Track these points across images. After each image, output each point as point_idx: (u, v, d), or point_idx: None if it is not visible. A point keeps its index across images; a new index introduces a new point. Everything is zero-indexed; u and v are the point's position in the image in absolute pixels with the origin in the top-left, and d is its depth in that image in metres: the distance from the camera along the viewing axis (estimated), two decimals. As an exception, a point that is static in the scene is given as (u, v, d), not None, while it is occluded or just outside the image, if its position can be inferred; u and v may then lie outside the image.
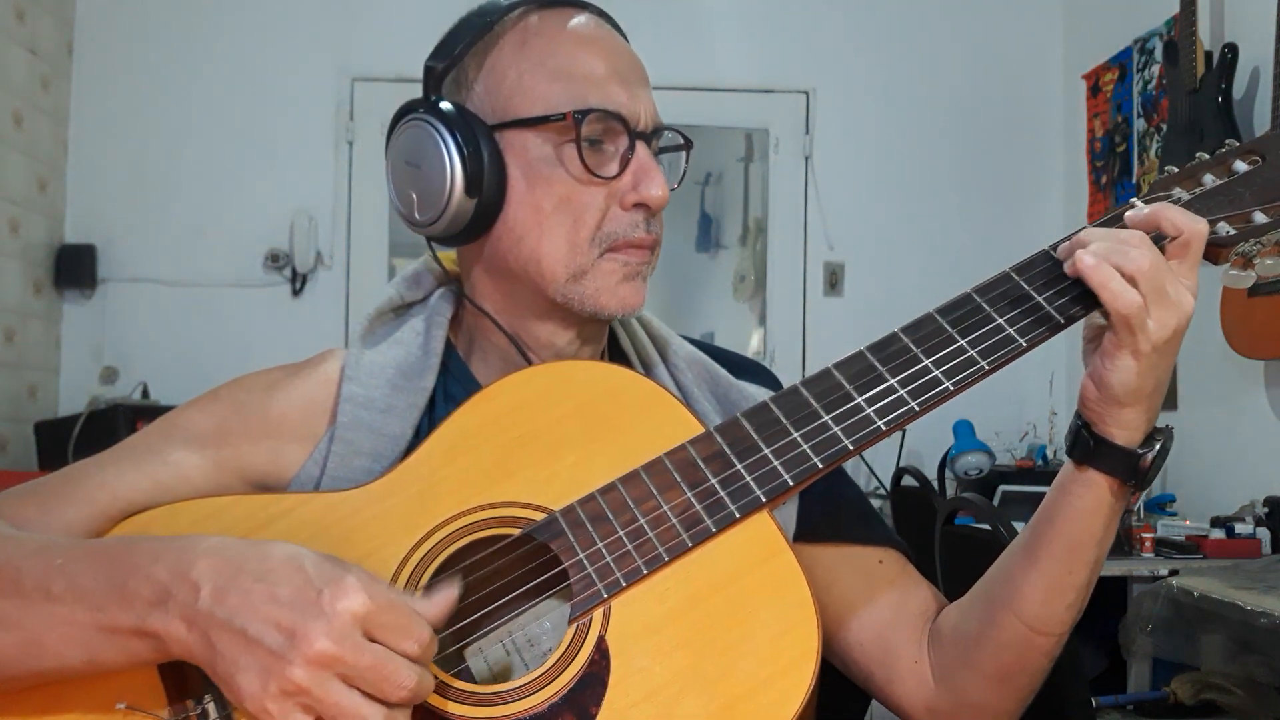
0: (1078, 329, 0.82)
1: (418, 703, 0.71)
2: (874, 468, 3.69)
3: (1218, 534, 2.48)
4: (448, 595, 0.73)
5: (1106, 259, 0.75)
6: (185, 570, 0.72)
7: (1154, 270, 0.74)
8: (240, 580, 0.71)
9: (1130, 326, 0.74)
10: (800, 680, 0.72)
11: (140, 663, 0.75)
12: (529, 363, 0.93)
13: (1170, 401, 3.18)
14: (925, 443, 3.67)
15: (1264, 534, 2.47)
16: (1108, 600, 2.40)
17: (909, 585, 0.95)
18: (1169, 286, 0.75)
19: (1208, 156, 0.86)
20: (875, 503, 3.68)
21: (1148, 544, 2.48)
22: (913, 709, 0.91)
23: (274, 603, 0.69)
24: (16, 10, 3.38)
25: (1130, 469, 0.78)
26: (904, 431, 3.62)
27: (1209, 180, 0.85)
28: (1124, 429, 0.77)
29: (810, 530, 0.94)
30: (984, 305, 0.80)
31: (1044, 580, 0.83)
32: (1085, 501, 0.80)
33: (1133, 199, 0.84)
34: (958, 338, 0.79)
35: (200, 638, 0.70)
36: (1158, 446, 0.78)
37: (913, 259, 3.80)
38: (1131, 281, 0.74)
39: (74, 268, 3.60)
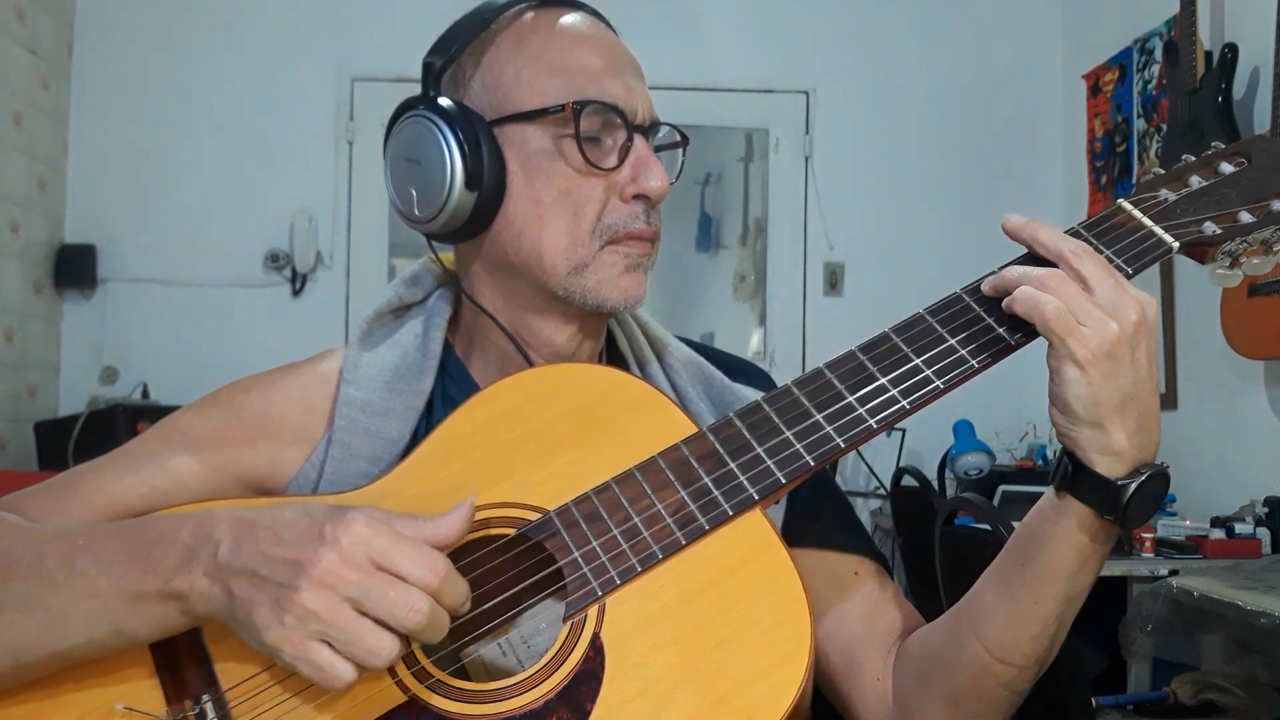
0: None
1: (433, 637, 0.72)
2: (874, 468, 3.70)
3: (1218, 534, 2.48)
4: (460, 512, 0.75)
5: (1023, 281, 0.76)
6: (208, 532, 0.75)
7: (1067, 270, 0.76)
8: (254, 531, 0.74)
9: (1055, 332, 0.73)
10: (793, 674, 0.72)
11: (166, 628, 0.77)
12: (528, 361, 0.93)
13: (1170, 401, 3.18)
14: (925, 443, 3.67)
15: (1264, 534, 2.47)
16: (1108, 600, 2.40)
17: (882, 600, 0.94)
18: (1093, 295, 0.75)
19: (1194, 159, 0.87)
20: (875, 503, 3.68)
21: (1148, 544, 2.48)
22: None
23: (281, 543, 0.72)
24: (16, 10, 3.38)
25: (1107, 501, 0.75)
26: (904, 431, 3.63)
27: (1195, 182, 0.86)
28: (1105, 455, 0.74)
29: (792, 533, 0.93)
30: (973, 305, 0.81)
31: (1008, 605, 0.80)
32: (1059, 529, 0.77)
33: (1120, 200, 0.85)
34: (947, 337, 0.80)
35: (221, 589, 0.73)
36: (1141, 479, 0.74)
37: (913, 259, 3.80)
38: (1044, 287, 0.75)
39: (74, 268, 3.61)
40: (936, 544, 2.05)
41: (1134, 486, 0.74)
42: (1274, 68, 2.55)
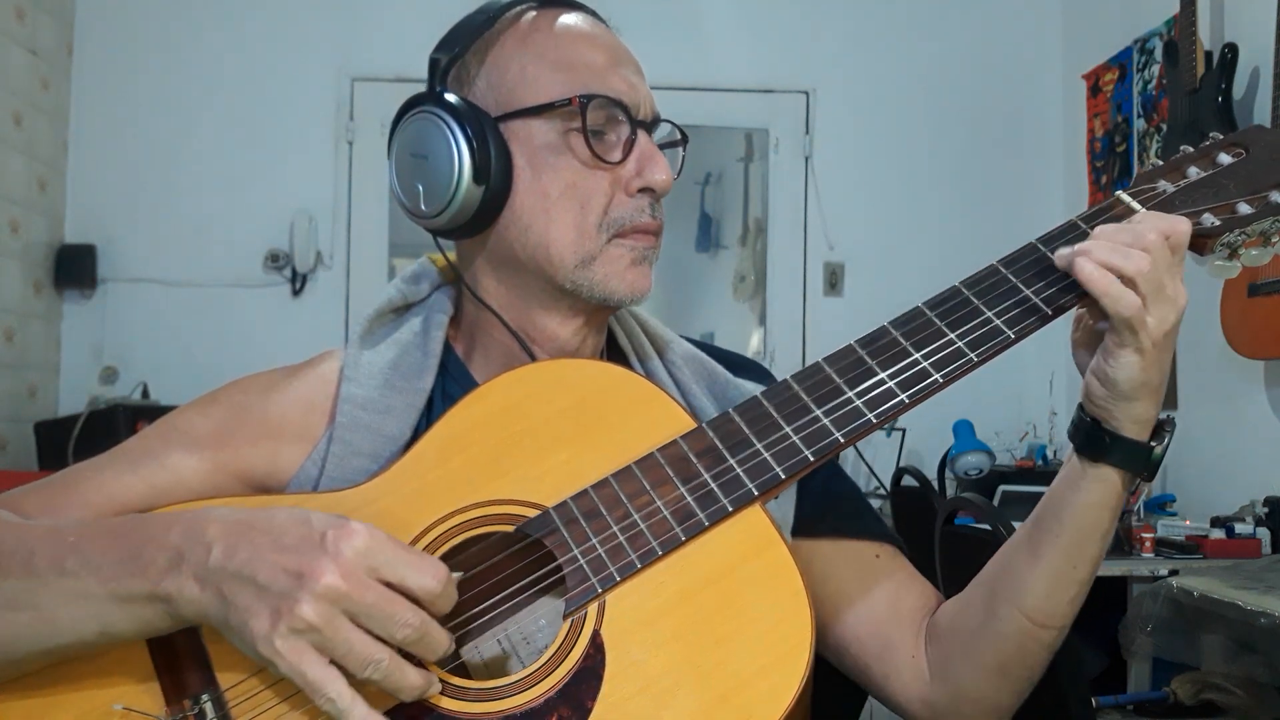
0: (1066, 320, 0.83)
1: (428, 652, 0.72)
2: (874, 468, 3.69)
3: (1218, 534, 2.48)
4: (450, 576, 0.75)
5: (1107, 264, 0.76)
6: (199, 534, 0.74)
7: (1154, 271, 0.76)
8: (249, 535, 0.73)
9: (1132, 327, 0.76)
10: (794, 671, 0.72)
11: (152, 631, 0.77)
12: (531, 357, 0.94)
13: (1170, 401, 3.18)
14: (925, 443, 3.67)
15: (1264, 534, 2.47)
16: (1108, 600, 2.39)
17: (905, 580, 0.96)
18: (1167, 284, 0.77)
19: (1192, 150, 0.87)
20: (875, 503, 3.68)
21: (1148, 544, 2.48)
22: (909, 704, 0.92)
23: (280, 550, 0.72)
24: (16, 10, 3.38)
25: (1143, 461, 0.80)
26: (904, 431, 3.63)
27: (1193, 173, 0.85)
28: (1135, 423, 0.79)
29: (807, 525, 0.95)
30: (972, 298, 0.81)
31: (1048, 574, 0.84)
32: (1095, 496, 0.81)
33: (1118, 192, 0.85)
34: (946, 330, 0.80)
35: (213, 593, 0.72)
36: (1167, 438, 0.81)
37: (913, 259, 3.80)
38: (1131, 284, 0.76)
39: (74, 268, 3.60)
40: (936, 544, 2.05)
41: (1162, 444, 0.80)
42: (1274, 68, 2.55)
